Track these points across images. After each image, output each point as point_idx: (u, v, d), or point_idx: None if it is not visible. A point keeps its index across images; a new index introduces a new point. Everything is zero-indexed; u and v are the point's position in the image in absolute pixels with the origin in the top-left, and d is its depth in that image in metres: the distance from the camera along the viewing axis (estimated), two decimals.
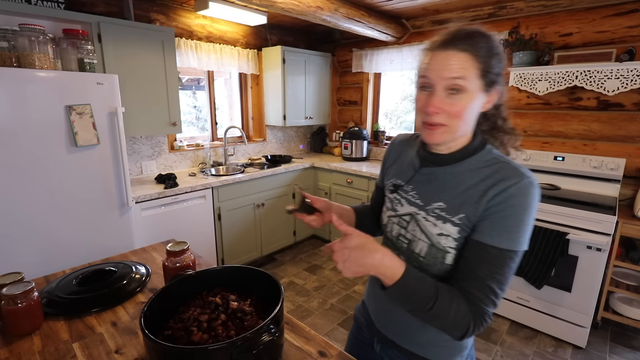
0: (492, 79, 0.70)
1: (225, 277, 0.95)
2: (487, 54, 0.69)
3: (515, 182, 0.67)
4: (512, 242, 0.66)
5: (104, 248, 1.99)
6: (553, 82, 2.44)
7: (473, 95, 0.68)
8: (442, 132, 0.71)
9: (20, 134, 1.65)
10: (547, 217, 2.14)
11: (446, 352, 0.81)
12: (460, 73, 0.67)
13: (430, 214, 0.75)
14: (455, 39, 0.68)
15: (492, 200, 0.68)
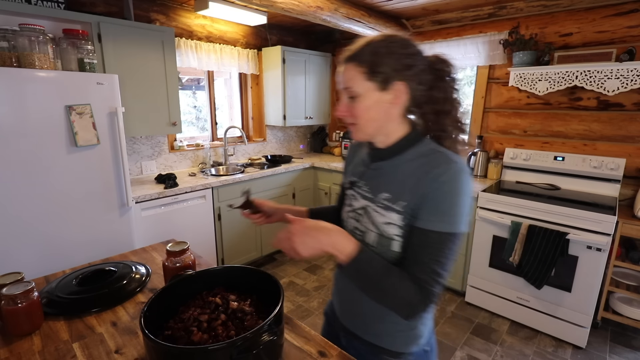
0: (384, 76, 0.75)
1: (225, 277, 0.95)
2: (371, 56, 0.76)
3: (445, 170, 0.73)
4: (449, 225, 0.72)
5: (104, 248, 1.99)
6: (553, 82, 2.44)
7: (367, 96, 0.77)
8: (356, 131, 0.82)
9: (21, 134, 1.65)
10: (547, 217, 2.14)
11: (402, 341, 0.87)
12: (348, 83, 0.78)
13: (378, 204, 0.81)
14: (347, 55, 0.80)
15: (427, 187, 0.73)
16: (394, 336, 0.87)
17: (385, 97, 0.77)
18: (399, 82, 0.76)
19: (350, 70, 0.78)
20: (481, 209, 2.40)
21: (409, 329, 0.86)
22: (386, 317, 0.85)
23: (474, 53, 2.84)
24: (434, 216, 0.72)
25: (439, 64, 0.80)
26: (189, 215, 2.53)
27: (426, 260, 0.72)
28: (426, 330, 0.90)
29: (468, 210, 0.75)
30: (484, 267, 2.45)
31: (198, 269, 1.05)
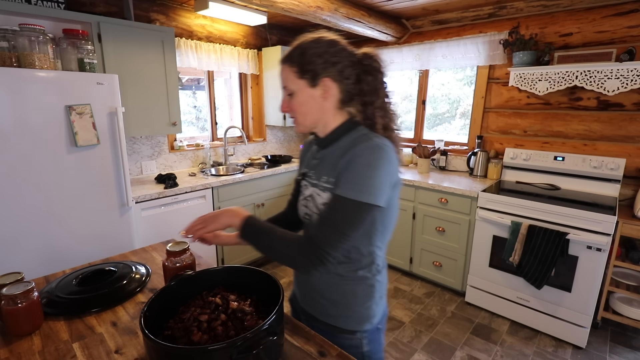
0: (312, 73, 0.85)
1: (225, 277, 0.95)
2: (300, 57, 0.86)
3: (361, 144, 0.81)
4: (356, 193, 0.78)
5: (104, 248, 1.99)
6: (553, 82, 2.44)
7: (301, 93, 0.87)
8: (297, 124, 0.92)
9: (20, 134, 1.65)
10: (547, 217, 2.14)
11: (356, 321, 0.94)
12: (285, 82, 0.89)
13: (319, 188, 0.90)
14: (282, 57, 0.90)
15: (344, 162, 0.82)
16: (348, 317, 0.94)
17: (316, 93, 0.87)
18: (326, 78, 0.85)
19: (284, 71, 0.88)
20: (481, 209, 2.40)
21: (361, 310, 0.94)
22: (340, 302, 0.93)
23: (474, 53, 2.84)
24: (344, 184, 0.80)
25: (366, 60, 0.88)
26: (189, 215, 2.53)
27: (325, 219, 0.80)
28: (379, 311, 0.98)
29: (382, 184, 0.80)
30: (484, 267, 2.45)
31: (198, 269, 1.05)
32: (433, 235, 2.74)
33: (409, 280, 2.96)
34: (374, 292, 0.94)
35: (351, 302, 0.93)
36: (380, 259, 0.94)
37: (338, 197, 0.79)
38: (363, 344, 0.95)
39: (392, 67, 3.39)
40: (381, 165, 0.79)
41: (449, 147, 3.21)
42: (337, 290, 0.93)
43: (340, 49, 0.87)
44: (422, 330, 2.32)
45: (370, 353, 0.97)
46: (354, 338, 0.95)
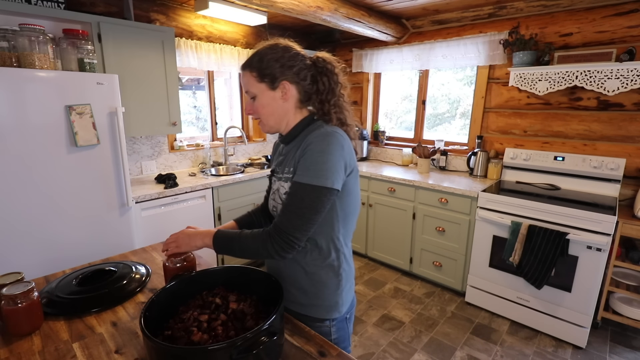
0: (271, 77, 0.92)
1: (225, 277, 0.95)
2: (258, 62, 0.92)
3: (315, 135, 0.88)
4: (311, 177, 0.84)
5: (104, 248, 1.99)
6: (553, 82, 2.44)
7: (263, 95, 0.94)
8: (262, 124, 0.99)
9: (20, 134, 1.65)
10: (547, 217, 2.14)
11: (324, 310, 0.99)
12: (247, 87, 0.96)
13: (282, 180, 0.96)
14: (243, 63, 0.96)
15: (301, 152, 0.88)
16: (317, 305, 0.99)
17: (277, 95, 0.94)
18: (284, 80, 0.92)
19: (245, 76, 0.95)
20: (481, 209, 2.40)
21: (330, 299, 0.99)
22: (309, 291, 0.98)
23: (474, 53, 2.84)
24: (300, 171, 0.86)
25: (320, 63, 0.96)
26: (189, 215, 2.53)
27: (287, 206, 0.87)
28: (348, 300, 1.04)
29: (335, 168, 0.85)
30: (484, 267, 2.45)
31: (198, 269, 1.05)
32: (433, 235, 2.74)
33: (409, 280, 2.96)
34: (341, 280, 1.00)
35: (320, 291, 0.98)
36: (345, 247, 1.00)
37: (295, 183, 0.86)
38: (332, 331, 1.01)
39: (392, 67, 3.39)
40: (332, 150, 0.85)
41: (449, 147, 3.21)
42: (306, 280, 0.98)
43: (295, 53, 0.94)
44: (422, 330, 2.32)
45: (337, 340, 1.02)
46: (322, 325, 1.00)
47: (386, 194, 2.98)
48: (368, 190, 3.11)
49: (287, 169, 0.95)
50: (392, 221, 2.98)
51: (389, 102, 3.83)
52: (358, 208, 1.00)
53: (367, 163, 3.52)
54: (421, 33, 3.22)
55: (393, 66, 3.37)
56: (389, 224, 3.02)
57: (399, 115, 3.85)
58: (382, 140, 3.70)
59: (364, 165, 3.36)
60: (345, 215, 0.95)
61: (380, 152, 3.72)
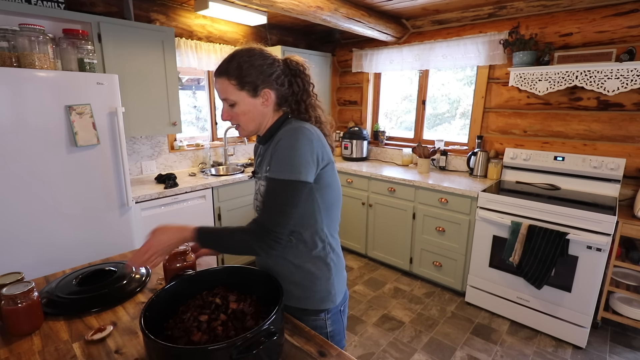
0: (252, 85, 0.93)
1: (225, 277, 0.95)
2: (238, 70, 0.92)
3: (284, 131, 0.91)
4: (282, 173, 0.87)
5: (104, 248, 1.99)
6: (553, 82, 2.43)
7: (243, 103, 0.94)
8: (241, 130, 0.99)
9: (20, 134, 1.65)
10: (547, 217, 2.14)
11: (318, 300, 1.01)
12: (224, 95, 0.94)
13: (262, 179, 0.98)
14: (217, 69, 0.94)
15: (273, 149, 0.91)
16: (311, 297, 1.01)
17: (258, 101, 0.95)
18: (265, 89, 0.94)
19: (222, 83, 0.93)
20: (481, 209, 2.40)
21: (322, 290, 1.01)
22: (301, 283, 1.00)
23: (474, 53, 2.84)
24: (273, 167, 0.89)
25: (293, 65, 0.98)
26: (189, 215, 2.53)
27: (267, 202, 0.89)
28: (340, 290, 1.06)
29: (305, 161, 0.88)
30: (484, 267, 2.45)
31: (198, 269, 1.05)
32: (433, 235, 2.74)
33: (409, 280, 2.96)
34: (331, 269, 1.02)
35: (312, 283, 1.00)
36: (331, 238, 1.02)
37: (269, 179, 0.89)
38: (327, 324, 1.03)
39: (392, 67, 3.39)
40: (300, 145, 0.87)
41: (449, 147, 3.21)
42: (298, 273, 0.99)
43: (272, 60, 0.95)
44: (422, 330, 2.32)
45: (333, 333, 1.05)
46: (318, 319, 1.02)
47: (386, 194, 2.98)
48: (368, 190, 3.10)
49: (265, 167, 0.96)
50: (392, 221, 2.98)
51: (389, 102, 3.83)
52: (340, 199, 1.03)
53: (367, 163, 3.52)
54: (421, 33, 3.22)
55: (393, 66, 3.37)
56: (389, 224, 3.02)
57: (399, 115, 3.85)
58: (382, 140, 3.70)
59: (364, 165, 3.36)
60: (327, 207, 0.97)
61: (380, 152, 3.72)
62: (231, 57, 0.93)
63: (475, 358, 2.07)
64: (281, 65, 0.97)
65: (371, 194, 3.09)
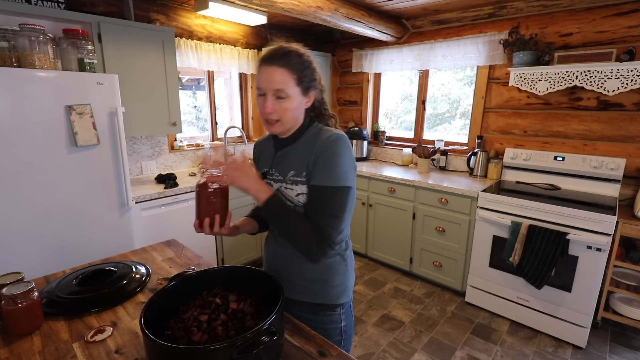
0: (306, 85, 0.95)
1: (225, 277, 0.95)
2: (300, 66, 0.92)
3: (325, 138, 0.92)
4: (330, 180, 0.90)
5: (104, 248, 1.99)
6: (553, 82, 2.43)
7: (294, 98, 0.93)
8: (278, 126, 0.95)
9: (20, 134, 1.65)
10: (547, 217, 2.14)
11: (335, 294, 1.02)
12: (281, 85, 0.90)
13: (288, 182, 0.97)
14: (274, 57, 0.91)
15: (315, 155, 0.91)
16: (327, 293, 1.01)
17: (304, 101, 0.96)
18: (313, 90, 0.98)
19: (282, 74, 0.90)
20: (481, 209, 2.40)
21: (340, 284, 1.02)
22: (319, 278, 1.00)
23: (474, 53, 2.84)
24: (319, 175, 0.90)
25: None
26: (190, 215, 2.53)
27: (319, 209, 0.90)
28: (353, 284, 1.09)
29: (349, 167, 0.92)
30: (484, 267, 2.45)
31: (198, 269, 1.05)
32: (433, 235, 2.74)
33: (409, 280, 2.96)
34: (347, 265, 1.05)
35: (330, 278, 1.01)
36: (347, 235, 1.05)
37: (323, 187, 0.90)
38: (342, 318, 1.05)
39: (392, 67, 3.39)
40: (345, 152, 0.91)
41: (449, 147, 3.21)
42: (316, 269, 1.00)
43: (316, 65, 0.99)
44: (422, 330, 2.32)
45: (346, 327, 1.07)
46: (334, 314, 1.03)
47: (386, 194, 2.98)
48: (368, 190, 3.10)
49: (293, 171, 0.96)
50: (392, 221, 2.98)
51: (389, 102, 3.83)
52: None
53: (367, 163, 3.52)
54: (421, 33, 3.22)
55: (393, 66, 3.37)
56: (389, 224, 3.02)
57: (399, 115, 3.85)
58: (382, 140, 3.70)
59: (364, 165, 3.36)
60: (350, 206, 0.98)
61: (380, 152, 3.72)
62: (291, 51, 0.92)
63: (475, 358, 2.07)
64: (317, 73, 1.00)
65: (371, 194, 3.09)
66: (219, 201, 0.91)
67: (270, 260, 1.10)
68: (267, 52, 0.93)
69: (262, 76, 0.92)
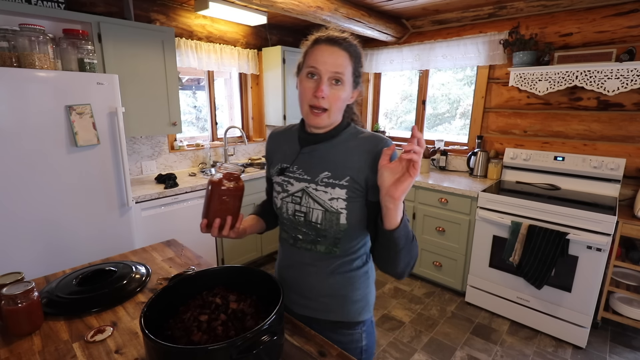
0: (357, 80, 0.89)
1: (225, 277, 0.95)
2: (358, 58, 0.87)
3: (383, 146, 0.84)
4: None
5: (104, 248, 1.99)
6: (553, 82, 2.44)
7: (347, 87, 0.86)
8: (325, 117, 0.86)
9: (21, 134, 1.65)
10: (547, 217, 2.14)
11: (355, 311, 0.94)
12: (341, 69, 0.83)
13: (320, 183, 0.88)
14: (340, 40, 0.84)
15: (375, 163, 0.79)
16: (345, 308, 0.94)
17: (349, 94, 0.88)
18: (359, 87, 0.91)
19: (345, 59, 0.83)
20: (481, 209, 2.40)
21: (361, 299, 0.94)
22: (335, 293, 0.93)
23: (474, 53, 2.84)
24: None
25: None
26: (189, 215, 2.53)
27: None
28: (374, 300, 0.99)
29: None
30: (484, 267, 2.45)
31: (198, 269, 1.05)
32: (433, 235, 2.74)
33: (409, 280, 2.96)
34: (369, 277, 0.97)
35: (350, 292, 0.93)
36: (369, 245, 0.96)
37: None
38: (362, 337, 0.96)
39: (392, 67, 3.39)
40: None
41: (449, 147, 3.21)
42: (335, 283, 0.93)
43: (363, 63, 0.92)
44: (422, 330, 2.32)
45: (367, 347, 0.98)
46: (354, 333, 0.95)
47: None
48: None
49: (329, 173, 0.87)
50: None
51: (389, 102, 3.83)
52: None
53: None
54: (421, 33, 3.22)
55: (393, 66, 3.37)
56: None
57: (399, 115, 3.85)
58: None
59: None
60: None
61: None
62: (354, 41, 0.87)
63: (475, 358, 2.07)
64: None
65: None
66: (232, 202, 0.85)
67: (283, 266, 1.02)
68: (326, 33, 0.85)
69: (320, 56, 0.82)
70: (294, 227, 0.94)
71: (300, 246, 0.95)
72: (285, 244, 1.00)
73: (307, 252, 0.94)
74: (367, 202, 0.86)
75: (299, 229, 0.93)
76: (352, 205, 0.85)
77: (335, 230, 0.87)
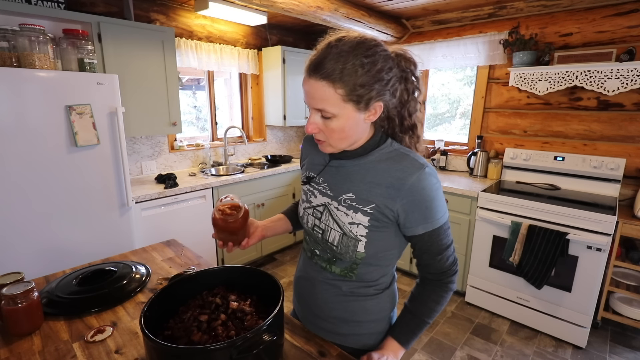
0: (365, 98, 0.70)
1: (225, 277, 0.95)
2: (350, 77, 0.67)
3: (418, 176, 0.74)
4: (436, 221, 0.77)
5: (104, 248, 1.99)
6: (553, 82, 2.44)
7: (344, 117, 0.71)
8: (326, 146, 0.78)
9: (20, 134, 1.65)
10: (547, 217, 2.14)
11: (367, 338, 0.89)
12: (321, 105, 0.70)
13: (342, 204, 0.80)
14: (314, 66, 0.69)
15: (407, 198, 0.74)
16: (359, 334, 0.89)
17: (362, 116, 0.73)
18: (379, 102, 0.72)
19: (322, 89, 0.68)
20: (481, 209, 2.40)
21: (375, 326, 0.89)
22: (349, 318, 0.88)
23: (474, 53, 2.84)
24: (422, 220, 0.76)
25: (403, 63, 0.76)
26: (189, 215, 2.53)
27: (436, 253, 0.80)
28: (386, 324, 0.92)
29: (444, 201, 0.79)
30: (484, 267, 2.45)
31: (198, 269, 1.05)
32: None
33: (409, 280, 2.96)
34: (394, 300, 0.92)
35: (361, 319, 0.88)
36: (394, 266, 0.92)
37: (428, 234, 0.77)
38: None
39: None
40: (439, 187, 0.77)
41: (449, 147, 3.21)
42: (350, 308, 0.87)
43: (391, 61, 0.72)
44: None
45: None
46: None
47: None
48: None
49: (352, 195, 0.79)
50: None
51: None
52: None
53: None
54: (421, 33, 3.22)
55: None
56: None
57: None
58: None
59: None
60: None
61: None
62: (338, 54, 0.67)
63: (475, 358, 2.07)
64: (396, 67, 0.73)
65: None
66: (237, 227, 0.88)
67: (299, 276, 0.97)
68: (310, 55, 0.72)
69: (305, 88, 0.72)
70: (313, 240, 0.90)
71: (316, 262, 0.91)
72: (304, 254, 0.97)
73: (322, 270, 0.89)
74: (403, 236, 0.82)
75: (317, 244, 0.88)
76: (374, 234, 0.78)
77: (350, 257, 0.81)
